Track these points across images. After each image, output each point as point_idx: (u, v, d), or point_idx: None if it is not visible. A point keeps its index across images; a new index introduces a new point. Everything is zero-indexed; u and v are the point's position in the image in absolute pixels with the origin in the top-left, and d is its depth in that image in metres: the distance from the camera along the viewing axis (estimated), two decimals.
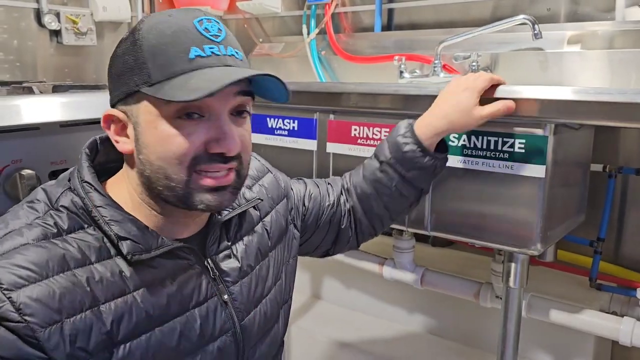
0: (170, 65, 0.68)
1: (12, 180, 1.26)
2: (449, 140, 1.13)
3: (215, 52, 0.70)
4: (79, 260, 0.68)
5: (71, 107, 1.37)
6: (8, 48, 1.83)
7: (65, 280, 0.66)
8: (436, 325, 1.69)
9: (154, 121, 0.70)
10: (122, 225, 0.72)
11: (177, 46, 0.68)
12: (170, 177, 0.71)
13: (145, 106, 0.70)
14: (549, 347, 1.47)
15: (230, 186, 0.75)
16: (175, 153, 0.70)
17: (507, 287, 1.23)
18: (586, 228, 1.40)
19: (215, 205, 0.73)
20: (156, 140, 0.70)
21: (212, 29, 0.71)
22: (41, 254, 0.66)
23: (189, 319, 0.76)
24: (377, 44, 1.84)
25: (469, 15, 1.71)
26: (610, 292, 1.40)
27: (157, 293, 0.73)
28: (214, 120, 0.71)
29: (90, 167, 0.75)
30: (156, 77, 0.69)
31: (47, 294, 0.64)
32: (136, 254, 0.71)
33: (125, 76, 0.71)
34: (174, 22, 0.70)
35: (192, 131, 0.70)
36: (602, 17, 1.49)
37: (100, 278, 0.69)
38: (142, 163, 0.73)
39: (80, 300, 0.66)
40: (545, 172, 1.07)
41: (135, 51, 0.70)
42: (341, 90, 1.33)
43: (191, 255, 0.78)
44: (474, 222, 1.17)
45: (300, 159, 1.42)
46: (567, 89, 1.02)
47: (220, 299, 0.81)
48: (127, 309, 0.70)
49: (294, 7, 2.08)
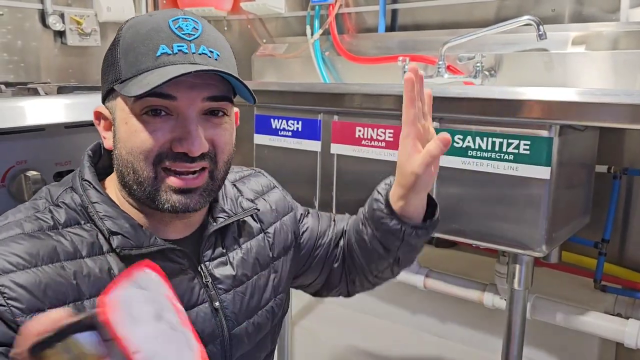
0: (138, 63, 0.70)
1: (17, 182, 1.26)
2: (433, 216, 0.94)
3: (183, 50, 0.69)
4: (70, 253, 0.69)
5: (76, 109, 1.38)
6: (12, 49, 1.84)
7: (52, 271, 0.67)
8: (440, 327, 1.68)
9: (125, 117, 0.71)
10: (116, 221, 0.72)
11: (147, 44, 0.70)
12: (137, 172, 0.71)
13: (119, 102, 0.72)
14: (554, 349, 1.47)
15: (200, 188, 0.74)
16: (139, 148, 0.70)
17: (511, 289, 1.23)
18: (591, 229, 1.40)
19: (182, 207, 0.72)
20: (125, 135, 0.71)
21: (186, 28, 0.71)
22: (33, 243, 0.68)
23: None
24: (381, 45, 1.84)
25: (473, 15, 1.70)
26: (615, 293, 1.40)
27: None
28: (181, 120, 0.71)
29: (91, 166, 0.77)
30: (125, 75, 0.70)
31: (34, 282, 0.65)
32: (126, 249, 0.72)
33: (106, 74, 0.74)
34: (151, 22, 0.71)
35: (157, 128, 0.70)
36: (606, 18, 1.49)
37: (88, 273, 0.69)
38: (117, 158, 0.74)
39: (65, 292, 0.67)
40: (550, 174, 1.06)
41: (113, 50, 0.73)
42: (345, 91, 1.33)
43: (184, 259, 0.78)
44: (478, 224, 1.17)
45: (304, 160, 1.42)
46: (572, 91, 1.02)
47: (212, 305, 0.80)
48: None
49: (297, 8, 2.08)
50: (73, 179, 0.77)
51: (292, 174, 1.44)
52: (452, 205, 1.20)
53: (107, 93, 0.75)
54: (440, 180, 1.21)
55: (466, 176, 1.17)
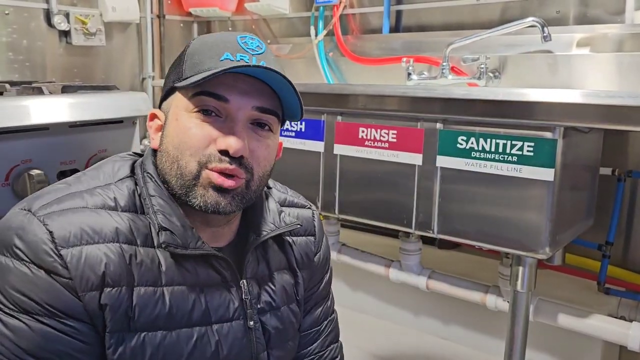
0: (200, 64, 0.73)
1: (22, 180, 1.27)
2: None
3: (245, 59, 0.73)
4: (128, 237, 0.71)
5: (80, 108, 1.38)
6: (18, 48, 1.84)
7: (112, 251, 0.68)
8: (442, 328, 1.68)
9: (177, 113, 0.74)
10: (168, 217, 0.73)
11: (213, 50, 0.73)
12: (182, 166, 0.72)
13: (175, 99, 0.75)
14: (556, 352, 1.47)
15: (234, 191, 0.74)
16: (187, 143, 0.72)
17: (514, 291, 1.22)
18: (595, 232, 1.39)
19: (213, 204, 0.73)
20: (175, 131, 0.74)
21: (251, 44, 0.75)
22: (97, 219, 0.69)
23: (208, 332, 0.75)
24: (385, 46, 1.84)
25: (478, 17, 1.70)
26: (619, 296, 1.39)
27: (184, 296, 0.73)
28: (228, 121, 0.73)
29: (154, 161, 0.78)
30: (186, 73, 0.74)
31: (95, 258, 0.67)
32: (171, 247, 0.72)
33: (168, 76, 0.78)
34: (219, 35, 0.76)
35: (206, 126, 0.72)
36: (611, 20, 1.49)
37: (141, 261, 0.71)
38: (162, 154, 0.75)
39: (121, 274, 0.68)
40: (554, 176, 1.06)
41: (181, 56, 0.77)
42: (349, 92, 1.33)
43: (228, 270, 0.77)
44: (482, 225, 1.16)
45: (308, 160, 1.42)
46: (577, 92, 1.01)
47: (246, 324, 0.79)
48: (152, 300, 0.71)
49: (301, 9, 2.09)
50: (136, 169, 0.78)
51: (295, 174, 1.44)
52: (455, 206, 1.20)
53: (167, 94, 0.77)
54: (444, 181, 1.21)
55: (469, 177, 1.16)
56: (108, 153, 1.48)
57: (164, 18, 2.28)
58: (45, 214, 0.68)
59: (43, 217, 0.67)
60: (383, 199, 1.32)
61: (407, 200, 1.27)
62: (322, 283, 0.95)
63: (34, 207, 0.69)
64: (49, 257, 0.65)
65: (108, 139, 1.48)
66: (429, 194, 1.24)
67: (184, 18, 2.37)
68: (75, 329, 0.66)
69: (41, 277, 0.65)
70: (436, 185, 1.23)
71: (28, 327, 0.65)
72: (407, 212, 1.28)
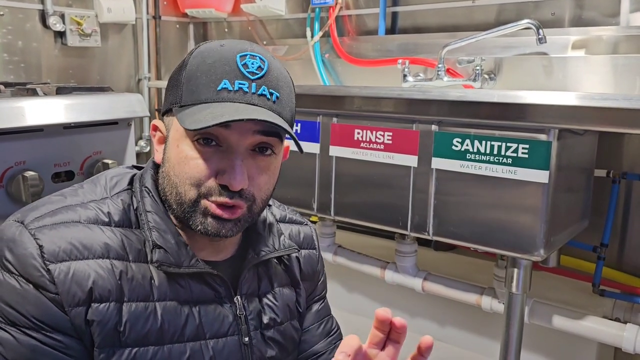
0: (198, 93, 0.71)
1: (16, 182, 1.26)
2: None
3: (244, 88, 0.70)
4: (119, 253, 0.71)
5: (75, 109, 1.38)
6: (13, 49, 1.84)
7: (101, 267, 0.68)
8: (438, 330, 1.68)
9: (178, 139, 0.73)
10: (163, 234, 0.73)
11: (210, 76, 0.70)
12: (181, 194, 0.72)
13: (175, 123, 0.73)
14: (551, 354, 1.47)
15: (235, 219, 0.74)
16: (187, 174, 0.71)
17: (509, 293, 1.22)
18: (590, 234, 1.40)
19: (214, 231, 0.72)
20: (175, 159, 0.73)
21: (252, 66, 0.71)
22: (88, 234, 0.69)
23: (202, 347, 0.75)
24: (381, 48, 1.84)
25: (473, 19, 1.70)
26: (614, 298, 1.39)
27: (176, 311, 0.73)
28: (229, 152, 0.71)
29: (153, 175, 0.78)
30: (185, 100, 0.72)
31: (83, 274, 0.67)
32: (164, 266, 0.72)
33: (169, 92, 0.76)
34: (219, 53, 0.72)
35: (207, 157, 0.71)
36: (606, 22, 1.49)
37: (132, 277, 0.71)
38: (163, 175, 0.75)
39: (110, 290, 0.68)
40: (548, 178, 1.06)
41: (179, 72, 0.74)
42: (345, 94, 1.33)
43: (222, 286, 0.77)
44: (477, 227, 1.17)
45: (303, 162, 1.42)
46: (572, 95, 1.02)
47: (241, 340, 0.79)
48: (144, 315, 0.70)
49: (298, 10, 2.09)
50: (134, 183, 0.78)
51: (291, 176, 1.44)
52: (451, 208, 1.20)
53: (167, 110, 0.76)
54: (439, 183, 1.22)
55: (465, 179, 1.17)
56: (103, 155, 1.48)
57: (160, 19, 2.28)
58: (37, 227, 0.68)
59: (34, 230, 0.68)
60: (379, 200, 1.32)
61: (403, 202, 1.27)
62: (319, 283, 0.97)
63: (27, 220, 0.69)
64: (37, 272, 0.65)
65: (103, 140, 1.48)
66: (425, 195, 1.24)
67: (180, 19, 2.37)
68: (63, 343, 0.67)
69: (29, 291, 0.66)
70: (431, 187, 1.23)
71: (15, 339, 0.65)
72: (403, 214, 1.28)
